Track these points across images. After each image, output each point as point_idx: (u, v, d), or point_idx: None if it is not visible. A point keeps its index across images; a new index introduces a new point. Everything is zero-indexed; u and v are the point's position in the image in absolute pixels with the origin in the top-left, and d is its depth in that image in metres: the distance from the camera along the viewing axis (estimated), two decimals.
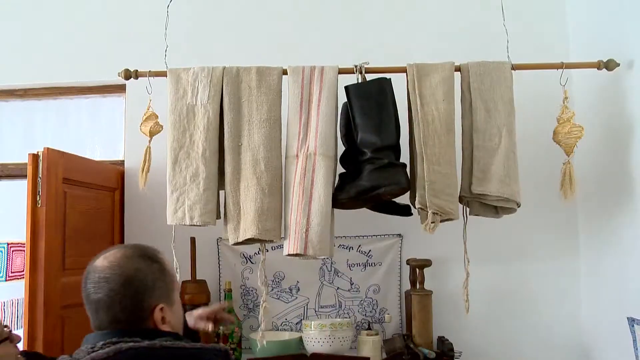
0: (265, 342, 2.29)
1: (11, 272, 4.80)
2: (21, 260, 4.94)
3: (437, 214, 2.20)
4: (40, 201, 2.35)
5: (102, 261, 1.46)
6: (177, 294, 1.55)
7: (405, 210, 2.42)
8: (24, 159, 2.41)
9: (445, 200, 2.22)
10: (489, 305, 2.79)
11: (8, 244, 7.21)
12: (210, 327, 1.92)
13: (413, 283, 2.70)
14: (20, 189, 2.67)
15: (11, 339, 1.56)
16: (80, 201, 2.59)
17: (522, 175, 2.34)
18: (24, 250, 7.62)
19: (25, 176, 2.43)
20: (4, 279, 4.72)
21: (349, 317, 2.78)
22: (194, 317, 1.96)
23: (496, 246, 2.82)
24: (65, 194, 2.48)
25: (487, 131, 2.29)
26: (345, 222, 2.60)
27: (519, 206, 2.31)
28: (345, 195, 2.25)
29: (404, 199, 2.37)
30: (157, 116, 2.40)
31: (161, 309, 1.43)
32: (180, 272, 2.20)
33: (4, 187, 3.61)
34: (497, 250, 2.83)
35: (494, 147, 2.28)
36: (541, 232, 2.83)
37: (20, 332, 1.87)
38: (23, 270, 3.78)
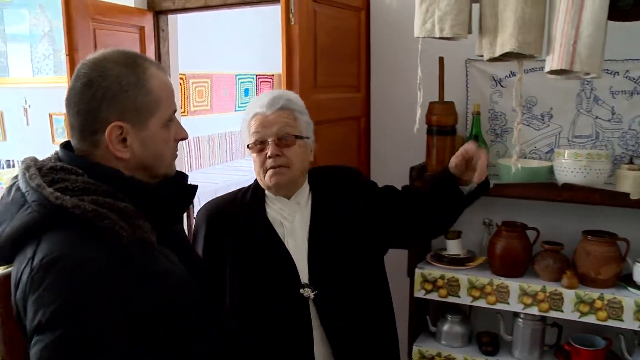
0: (519, 166, 2.17)
1: None
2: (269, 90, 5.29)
3: None
4: (293, 19, 2.40)
5: (88, 57, 1.29)
6: (161, 121, 1.30)
7: None
8: None
9: None
10: None
11: (256, 76, 7.85)
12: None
13: None
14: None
15: None
16: (329, 20, 2.60)
17: None
18: (269, 82, 8.23)
19: (277, 1, 2.48)
20: None
21: (607, 150, 2.53)
22: (454, 162, 1.85)
23: None
24: (315, 13, 2.49)
25: None
26: (611, 43, 2.24)
27: None
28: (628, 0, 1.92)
29: None
30: None
31: (120, 127, 1.24)
32: (425, 92, 2.14)
33: (255, 14, 3.80)
34: None
35: None
36: None
37: None
38: None
